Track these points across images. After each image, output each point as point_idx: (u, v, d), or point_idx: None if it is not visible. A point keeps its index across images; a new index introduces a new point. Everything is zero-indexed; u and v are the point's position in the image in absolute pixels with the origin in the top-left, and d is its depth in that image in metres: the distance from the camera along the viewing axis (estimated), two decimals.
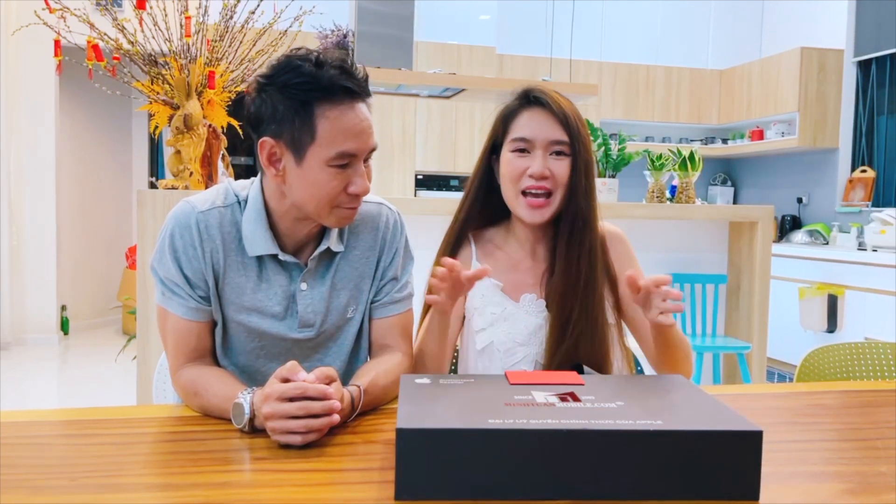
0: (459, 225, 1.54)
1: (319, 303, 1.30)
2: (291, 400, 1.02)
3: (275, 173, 1.21)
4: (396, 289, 1.38)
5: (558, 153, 1.40)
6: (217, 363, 1.32)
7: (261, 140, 1.20)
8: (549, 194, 1.40)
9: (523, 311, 1.46)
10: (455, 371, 1.67)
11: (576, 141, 1.40)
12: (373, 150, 1.23)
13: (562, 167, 1.40)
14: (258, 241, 1.25)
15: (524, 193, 1.41)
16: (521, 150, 1.42)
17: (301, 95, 1.16)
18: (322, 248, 1.29)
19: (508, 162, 1.43)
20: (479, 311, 1.48)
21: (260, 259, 1.27)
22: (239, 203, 1.28)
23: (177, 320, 1.26)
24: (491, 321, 1.46)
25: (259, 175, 1.30)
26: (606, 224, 1.50)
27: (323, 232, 1.31)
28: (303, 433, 1.01)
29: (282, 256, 1.27)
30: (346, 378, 1.29)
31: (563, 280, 1.41)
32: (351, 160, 1.19)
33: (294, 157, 1.19)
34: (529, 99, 1.43)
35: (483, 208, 1.53)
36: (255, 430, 1.08)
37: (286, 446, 1.03)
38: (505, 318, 1.46)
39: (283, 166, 1.20)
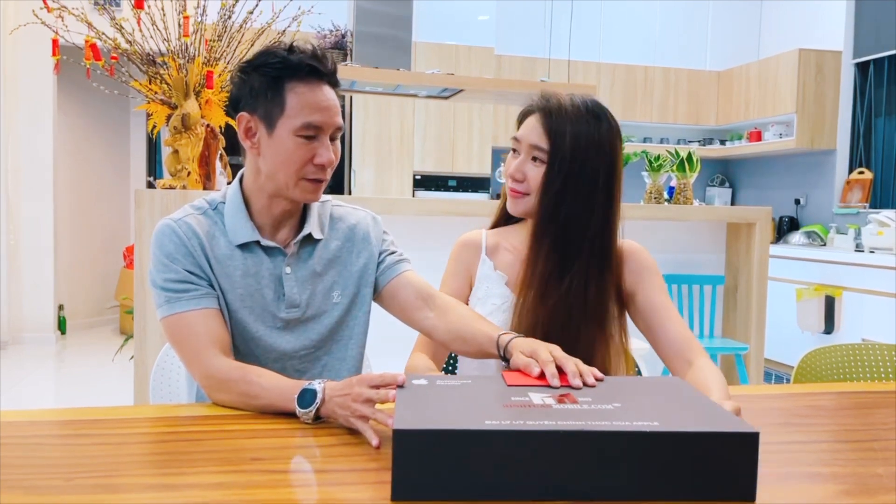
0: (491, 223, 1.64)
1: (304, 285, 1.40)
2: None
3: (250, 146, 1.35)
4: (396, 255, 1.50)
5: (535, 158, 1.44)
6: None
7: (238, 115, 1.35)
8: (525, 193, 1.46)
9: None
10: (455, 359, 1.70)
11: (556, 150, 1.41)
12: (338, 128, 1.35)
13: (535, 172, 1.43)
14: (240, 230, 1.37)
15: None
16: (514, 150, 1.49)
17: (273, 73, 1.30)
18: (304, 233, 1.40)
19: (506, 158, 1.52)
20: (482, 301, 1.53)
21: (245, 249, 1.37)
22: (212, 208, 1.39)
23: (193, 315, 1.29)
24: (490, 311, 1.50)
25: (239, 173, 1.43)
26: (626, 241, 1.53)
27: (303, 220, 1.42)
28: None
29: (263, 242, 1.37)
30: (326, 357, 1.43)
31: (525, 273, 1.46)
32: (317, 132, 1.32)
33: (266, 129, 1.32)
34: (535, 102, 1.47)
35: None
36: (317, 418, 1.13)
37: (287, 446, 1.03)
38: (504, 311, 1.50)
39: (257, 138, 1.34)
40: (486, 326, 1.34)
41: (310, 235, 1.41)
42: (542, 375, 1.11)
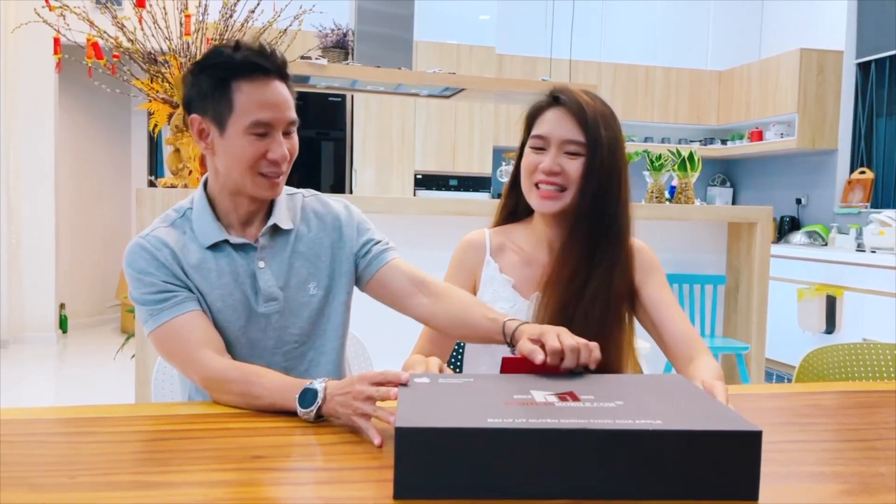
0: (493, 222, 1.61)
1: (279, 278, 1.40)
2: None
3: (205, 146, 1.36)
4: (382, 244, 1.49)
5: (572, 153, 1.42)
6: None
7: (190, 118, 1.35)
8: (562, 189, 1.43)
9: (532, 309, 1.48)
10: (461, 362, 1.69)
11: (592, 141, 1.41)
12: (291, 122, 1.35)
13: (574, 166, 1.42)
14: (207, 231, 1.37)
15: (537, 186, 1.45)
16: (538, 148, 1.45)
17: (220, 73, 1.31)
18: (270, 223, 1.39)
19: (525, 156, 1.48)
20: (490, 304, 1.49)
21: (216, 249, 1.37)
22: (180, 216, 1.40)
23: (179, 321, 1.29)
24: None
25: (204, 177, 1.43)
26: (633, 239, 1.52)
27: (269, 212, 1.42)
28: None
29: (232, 240, 1.37)
30: (311, 352, 1.44)
31: (556, 269, 1.45)
32: (268, 129, 1.31)
33: (217, 129, 1.33)
34: (552, 98, 1.46)
35: (513, 206, 1.58)
36: (318, 417, 1.12)
37: (288, 444, 1.04)
38: (513, 315, 1.47)
39: (210, 140, 1.35)
40: (489, 311, 1.34)
41: (277, 227, 1.40)
42: (543, 364, 1.12)
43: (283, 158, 1.33)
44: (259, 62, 1.30)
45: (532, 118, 1.49)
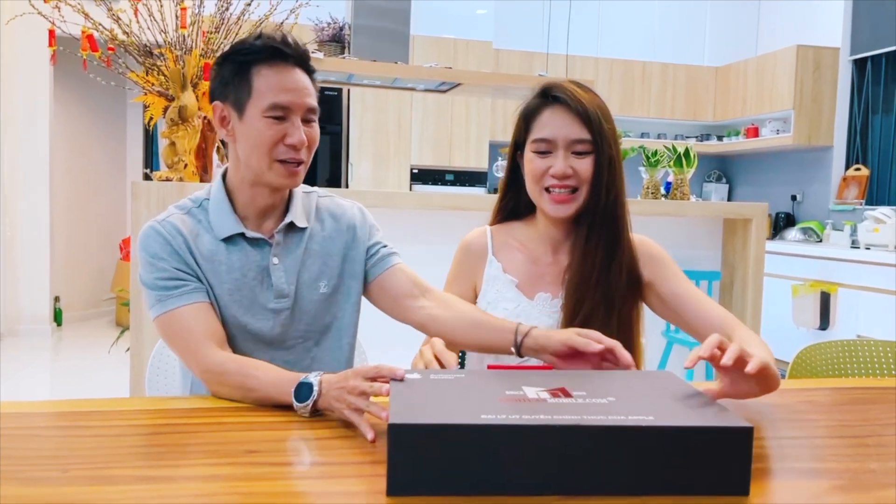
0: (491, 220, 1.59)
1: (291, 275, 1.41)
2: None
3: (226, 133, 1.38)
4: (389, 248, 1.51)
5: (580, 152, 1.40)
6: None
7: (213, 105, 1.38)
8: (574, 190, 1.42)
9: (536, 310, 1.47)
10: (462, 363, 1.68)
11: (598, 137, 1.39)
12: (310, 109, 1.36)
13: (584, 165, 1.40)
14: (224, 223, 1.37)
15: (548, 190, 1.43)
16: (543, 152, 1.42)
17: (240, 59, 1.33)
18: (286, 220, 1.40)
19: (530, 161, 1.44)
20: (493, 305, 1.49)
21: (230, 242, 1.38)
22: (196, 206, 1.41)
23: (185, 310, 1.30)
24: (503, 316, 1.45)
25: (222, 169, 1.45)
26: (636, 236, 1.51)
27: (286, 209, 1.43)
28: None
29: (248, 234, 1.38)
30: (315, 349, 1.45)
31: (579, 271, 1.43)
32: (286, 113, 1.33)
33: (237, 114, 1.34)
34: (549, 97, 1.43)
35: (514, 204, 1.56)
36: (315, 412, 1.12)
37: (282, 439, 1.04)
38: (517, 315, 1.46)
39: (231, 126, 1.36)
40: (495, 318, 1.38)
41: (293, 224, 1.41)
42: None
43: (300, 143, 1.33)
44: (279, 48, 1.33)
45: (529, 118, 1.45)
